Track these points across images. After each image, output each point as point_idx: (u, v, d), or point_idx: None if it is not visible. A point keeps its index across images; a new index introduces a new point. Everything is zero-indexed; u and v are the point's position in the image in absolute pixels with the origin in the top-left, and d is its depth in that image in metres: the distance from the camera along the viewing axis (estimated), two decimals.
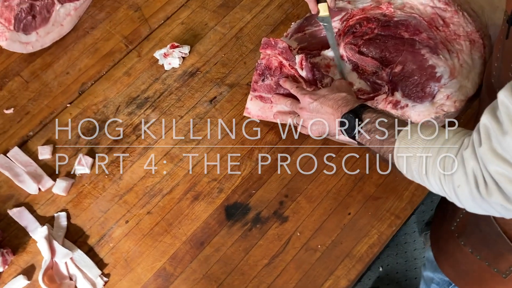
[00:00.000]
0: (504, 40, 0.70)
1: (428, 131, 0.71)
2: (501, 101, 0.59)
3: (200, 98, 1.13)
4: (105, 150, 1.09)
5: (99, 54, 1.22)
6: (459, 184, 0.65)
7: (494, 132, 0.59)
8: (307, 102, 0.93)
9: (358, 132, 0.82)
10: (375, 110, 0.83)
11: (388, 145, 0.75)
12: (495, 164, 0.60)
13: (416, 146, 0.70)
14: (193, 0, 1.27)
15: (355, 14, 1.01)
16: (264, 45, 1.01)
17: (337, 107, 0.88)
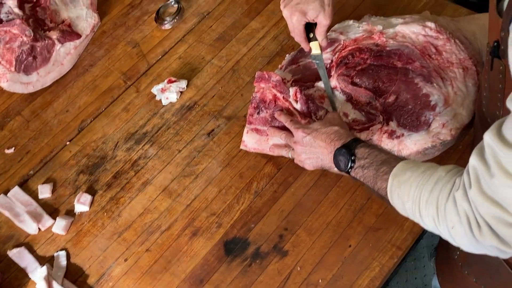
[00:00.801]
0: (489, 71, 0.70)
1: (421, 169, 0.71)
2: (486, 143, 0.59)
3: (198, 132, 1.13)
4: (104, 187, 1.09)
5: (98, 91, 1.24)
6: (453, 225, 0.64)
7: (483, 175, 0.59)
8: (301, 136, 0.93)
9: (352, 167, 0.82)
10: (368, 144, 0.83)
11: (381, 182, 0.75)
12: (486, 206, 0.60)
13: (409, 184, 0.70)
14: (190, 35, 1.29)
15: (348, 45, 1.02)
16: (258, 79, 1.02)
17: (329, 141, 0.88)
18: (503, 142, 0.56)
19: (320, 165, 0.93)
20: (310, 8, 0.93)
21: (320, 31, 0.97)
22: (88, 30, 1.30)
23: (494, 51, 0.66)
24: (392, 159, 0.77)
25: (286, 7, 0.96)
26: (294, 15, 0.94)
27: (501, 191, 0.58)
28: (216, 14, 1.32)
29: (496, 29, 0.64)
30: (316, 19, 0.95)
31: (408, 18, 1.02)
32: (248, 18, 1.29)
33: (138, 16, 1.35)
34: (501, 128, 0.58)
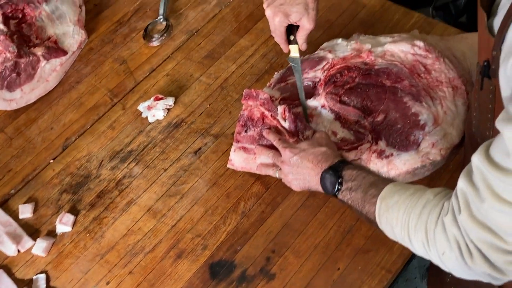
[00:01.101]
0: (479, 91, 0.69)
1: (408, 191, 0.69)
2: (475, 165, 0.57)
3: (184, 150, 1.11)
4: (87, 207, 1.06)
5: (84, 108, 1.22)
6: (443, 252, 0.62)
7: (472, 199, 0.58)
8: (288, 156, 0.91)
9: (339, 190, 0.80)
10: (355, 166, 0.81)
11: (370, 206, 0.74)
12: (477, 232, 0.58)
13: (397, 208, 0.68)
14: (178, 52, 1.28)
15: (336, 63, 1.01)
16: (246, 97, 1.00)
17: (316, 162, 0.86)
18: (492, 164, 0.55)
19: (307, 187, 0.91)
20: (293, 11, 0.91)
21: (302, 35, 0.95)
22: (75, 47, 1.28)
23: (484, 70, 0.65)
24: (380, 181, 0.75)
25: (269, 7, 0.93)
26: (276, 16, 0.92)
27: (492, 216, 0.56)
28: (205, 32, 1.31)
29: (487, 48, 0.63)
30: (299, 22, 0.93)
31: (397, 37, 1.01)
32: (237, 36, 1.28)
33: (126, 33, 1.34)
34: (489, 150, 0.56)
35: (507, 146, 0.53)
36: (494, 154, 0.55)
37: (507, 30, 0.56)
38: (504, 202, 0.54)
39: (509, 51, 0.55)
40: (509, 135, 0.52)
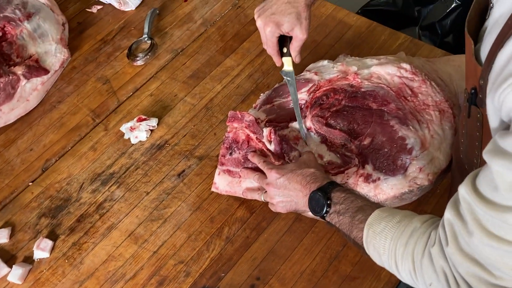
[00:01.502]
0: (466, 118, 0.68)
1: (396, 219, 0.68)
2: (462, 197, 0.56)
3: (168, 172, 1.08)
4: (66, 232, 1.03)
5: (65, 128, 1.19)
6: (431, 282, 0.61)
7: (460, 231, 0.56)
8: (274, 177, 0.88)
9: (327, 212, 0.78)
10: (344, 189, 0.79)
11: (357, 232, 0.72)
12: (466, 266, 0.56)
13: (384, 236, 0.67)
14: (163, 72, 1.26)
15: (322, 86, 0.99)
16: (231, 118, 0.98)
17: (305, 183, 0.84)
18: (479, 197, 0.53)
19: (294, 209, 0.89)
20: (285, 20, 0.87)
21: (295, 46, 0.92)
22: (57, 66, 1.25)
23: (471, 98, 0.63)
24: (368, 206, 0.74)
25: (260, 17, 0.90)
26: (268, 26, 0.88)
27: (481, 250, 0.54)
28: (190, 51, 1.29)
29: (474, 76, 0.62)
30: (292, 32, 0.90)
31: (383, 59, 1.00)
32: (223, 56, 1.27)
33: (110, 51, 1.32)
34: (476, 182, 0.55)
35: (495, 179, 0.51)
36: (481, 187, 0.54)
37: (495, 60, 0.55)
38: (492, 237, 0.53)
39: (495, 81, 0.54)
40: (496, 168, 0.51)
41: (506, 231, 0.52)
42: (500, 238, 0.52)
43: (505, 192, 0.51)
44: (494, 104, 0.54)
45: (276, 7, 0.88)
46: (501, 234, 0.52)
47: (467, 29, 0.64)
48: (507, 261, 0.53)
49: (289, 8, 0.87)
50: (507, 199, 0.51)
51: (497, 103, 0.53)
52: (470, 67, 0.64)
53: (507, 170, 0.50)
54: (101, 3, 1.42)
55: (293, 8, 0.87)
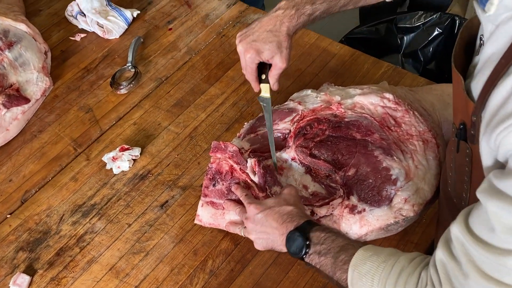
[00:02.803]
0: (455, 152, 0.67)
1: (381, 258, 0.66)
2: (455, 236, 0.55)
3: (150, 203, 1.06)
4: (45, 266, 0.99)
5: (46, 158, 1.16)
6: None
7: (454, 273, 0.55)
8: (253, 212, 0.87)
9: (306, 253, 0.76)
10: (323, 228, 0.78)
11: (341, 273, 0.70)
12: None
13: (370, 277, 0.65)
14: (147, 100, 1.25)
15: (306, 115, 0.99)
16: (214, 149, 0.97)
17: (281, 221, 0.83)
18: (474, 238, 0.52)
19: (270, 246, 0.87)
20: (266, 48, 0.87)
21: (274, 74, 0.91)
22: (38, 95, 1.24)
23: (460, 133, 0.63)
24: (350, 245, 0.72)
25: (241, 42, 0.90)
26: (248, 52, 0.88)
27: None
28: (174, 80, 1.28)
29: (464, 111, 0.62)
30: (271, 60, 0.89)
31: (366, 88, 1.01)
32: (207, 84, 1.27)
33: (93, 80, 1.30)
34: (469, 221, 0.54)
35: (492, 221, 0.50)
36: (475, 227, 0.53)
37: (489, 97, 0.54)
38: (490, 279, 0.52)
39: (490, 121, 0.53)
40: (493, 209, 0.50)
41: (503, 274, 0.51)
42: (498, 281, 0.51)
43: (503, 234, 0.50)
44: (490, 145, 0.54)
45: (257, 34, 0.88)
46: (498, 277, 0.51)
47: (454, 64, 0.64)
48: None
49: (270, 37, 0.87)
50: (504, 242, 0.50)
51: (493, 144, 0.53)
52: (459, 102, 0.64)
53: (505, 212, 0.49)
54: (85, 32, 1.42)
55: (275, 37, 0.87)
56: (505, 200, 0.49)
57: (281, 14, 0.87)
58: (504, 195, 0.49)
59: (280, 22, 0.87)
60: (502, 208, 0.49)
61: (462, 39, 0.67)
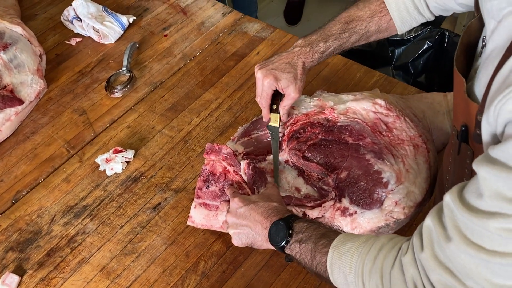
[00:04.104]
0: (455, 155, 0.69)
1: (361, 239, 0.68)
2: (446, 203, 0.56)
3: (143, 205, 1.06)
4: (35, 266, 0.99)
5: (38, 160, 1.16)
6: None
7: (438, 238, 0.56)
8: (236, 206, 0.88)
9: (288, 242, 0.77)
10: (306, 220, 0.79)
11: (321, 256, 0.71)
12: (438, 273, 0.56)
13: (350, 255, 0.66)
14: (141, 104, 1.26)
15: (299, 119, 1.01)
16: (208, 151, 0.98)
17: (267, 215, 0.83)
18: (463, 204, 0.54)
19: (249, 242, 0.87)
20: (283, 77, 0.95)
21: (285, 105, 0.98)
22: (32, 96, 1.24)
23: (462, 135, 0.64)
24: (331, 232, 0.74)
25: (260, 70, 0.97)
26: (267, 78, 0.95)
27: (457, 258, 0.54)
28: (169, 84, 1.30)
29: (466, 113, 0.63)
30: (286, 90, 0.96)
31: (359, 95, 1.03)
32: (201, 89, 1.28)
33: (87, 83, 1.31)
34: (463, 191, 0.55)
35: (481, 186, 0.52)
36: (467, 195, 0.54)
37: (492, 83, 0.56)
38: (471, 244, 0.53)
39: (492, 98, 0.54)
40: (483, 174, 0.51)
41: (485, 240, 0.52)
42: (479, 246, 0.53)
43: (489, 199, 0.51)
44: (489, 120, 0.54)
45: (277, 64, 0.96)
46: (480, 243, 0.53)
47: (457, 67, 0.66)
48: (482, 271, 0.53)
49: (288, 68, 0.95)
50: (490, 206, 0.51)
51: (492, 117, 0.53)
52: (460, 105, 0.65)
53: (493, 177, 0.50)
54: (80, 36, 1.43)
55: (292, 69, 0.95)
56: (496, 166, 0.50)
57: (298, 51, 0.96)
58: (496, 162, 0.50)
59: (297, 57, 0.96)
60: (492, 173, 0.50)
61: (462, 44, 0.69)
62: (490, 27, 0.61)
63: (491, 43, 0.60)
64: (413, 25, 0.96)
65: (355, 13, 0.96)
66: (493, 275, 0.53)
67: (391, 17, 0.95)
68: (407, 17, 0.94)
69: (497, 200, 0.50)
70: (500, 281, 0.53)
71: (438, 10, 0.92)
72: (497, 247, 0.52)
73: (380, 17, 0.95)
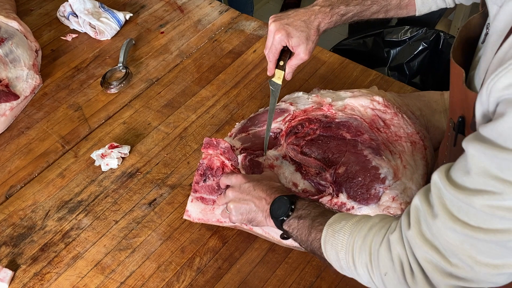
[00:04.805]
0: (451, 147, 0.69)
1: (356, 218, 0.69)
2: (434, 181, 0.57)
3: (138, 201, 1.06)
4: (28, 261, 0.98)
5: (33, 155, 1.15)
6: (386, 272, 0.61)
7: (424, 215, 0.57)
8: (240, 181, 0.88)
9: (288, 216, 0.78)
10: (308, 199, 0.81)
11: (316, 233, 0.72)
12: (424, 250, 0.57)
13: (343, 232, 0.68)
14: (137, 100, 1.25)
15: (297, 115, 1.01)
16: (206, 145, 0.98)
17: (270, 192, 0.84)
18: (450, 181, 0.54)
19: (250, 217, 0.87)
20: (296, 35, 0.91)
21: (293, 64, 0.95)
22: (27, 91, 1.23)
23: (459, 126, 0.65)
24: (329, 212, 0.75)
25: (274, 22, 0.93)
26: (279, 32, 0.92)
27: (443, 234, 0.55)
28: (165, 81, 1.29)
29: (464, 104, 0.64)
30: (296, 49, 0.93)
31: (357, 92, 1.03)
32: (198, 86, 1.28)
33: (83, 79, 1.30)
34: (450, 169, 0.56)
35: (468, 163, 0.52)
36: (454, 172, 0.55)
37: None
38: (456, 221, 0.53)
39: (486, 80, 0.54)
40: (471, 152, 0.52)
41: (470, 216, 0.53)
42: (464, 223, 0.53)
43: (476, 176, 0.51)
44: (482, 100, 0.54)
45: (292, 20, 0.92)
46: (465, 219, 0.53)
47: (454, 59, 0.66)
48: (466, 247, 0.54)
49: (302, 26, 0.91)
50: (476, 183, 0.52)
51: (485, 97, 0.53)
52: (458, 96, 0.66)
53: (481, 154, 0.51)
54: (76, 32, 1.42)
55: (306, 28, 0.91)
56: (485, 144, 0.50)
57: (317, 10, 0.92)
58: (485, 140, 0.51)
59: (315, 17, 0.92)
60: (480, 151, 0.51)
61: (460, 37, 0.69)
62: (492, 12, 0.61)
63: (492, 28, 0.60)
64: (432, 8, 0.94)
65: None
66: (477, 252, 0.54)
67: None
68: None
69: (484, 177, 0.51)
70: (483, 258, 0.54)
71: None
72: (481, 223, 0.52)
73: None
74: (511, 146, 0.49)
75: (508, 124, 0.49)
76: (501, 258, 0.53)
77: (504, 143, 0.49)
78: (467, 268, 0.55)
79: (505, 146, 0.49)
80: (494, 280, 0.55)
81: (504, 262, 0.53)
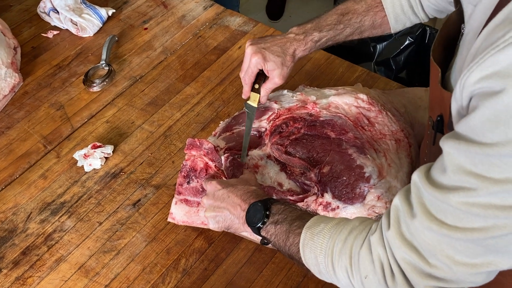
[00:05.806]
0: (431, 146, 0.69)
1: (334, 221, 0.68)
2: (413, 181, 0.57)
3: (122, 202, 1.04)
4: (10, 265, 0.96)
5: (14, 155, 1.13)
6: (366, 275, 0.60)
7: (403, 216, 0.57)
8: (214, 188, 0.87)
9: (264, 223, 0.77)
10: (283, 202, 0.79)
11: (294, 237, 0.71)
12: (403, 251, 0.57)
13: (322, 236, 0.67)
14: (120, 98, 1.23)
15: (282, 114, 1.00)
16: (189, 146, 0.96)
17: (246, 198, 0.83)
18: (429, 181, 0.54)
19: (227, 225, 0.86)
20: (272, 59, 0.93)
21: (267, 87, 0.96)
22: (6, 91, 1.20)
23: (438, 125, 0.65)
24: (307, 215, 0.74)
25: (251, 46, 0.95)
26: (256, 56, 0.93)
27: (420, 234, 0.55)
28: (149, 78, 1.27)
29: (441, 103, 0.64)
30: (271, 73, 0.94)
31: (341, 89, 1.02)
32: (183, 84, 1.26)
33: (65, 77, 1.28)
34: (430, 169, 0.55)
35: (445, 161, 0.52)
36: (433, 172, 0.55)
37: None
38: (433, 220, 0.53)
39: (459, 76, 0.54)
40: (447, 149, 0.52)
41: (447, 215, 0.52)
42: (441, 222, 0.53)
43: (452, 174, 0.51)
44: (456, 97, 0.54)
45: (269, 45, 0.94)
46: (443, 218, 0.53)
47: (433, 57, 0.66)
48: (444, 247, 0.54)
49: (278, 51, 0.93)
50: (453, 180, 0.51)
51: (459, 94, 0.53)
52: (435, 95, 0.66)
53: (456, 151, 0.51)
54: (58, 29, 1.39)
55: (282, 53, 0.93)
56: (459, 140, 0.50)
57: (291, 37, 0.95)
58: (459, 136, 0.51)
59: (290, 44, 0.94)
60: (455, 147, 0.51)
61: (441, 36, 0.69)
62: (467, 12, 0.61)
63: (468, 28, 0.60)
64: (406, 25, 0.96)
65: (352, 6, 0.96)
66: (455, 252, 0.54)
67: (386, 14, 0.94)
68: (401, 15, 0.94)
69: (459, 174, 0.51)
70: (461, 258, 0.54)
71: (432, 10, 0.92)
72: (458, 222, 0.52)
73: (375, 12, 0.94)
74: (483, 139, 0.48)
75: (480, 118, 0.48)
76: (479, 257, 0.53)
77: (476, 137, 0.49)
78: (446, 268, 0.55)
79: (477, 140, 0.49)
80: (473, 280, 0.55)
81: (482, 261, 0.53)
